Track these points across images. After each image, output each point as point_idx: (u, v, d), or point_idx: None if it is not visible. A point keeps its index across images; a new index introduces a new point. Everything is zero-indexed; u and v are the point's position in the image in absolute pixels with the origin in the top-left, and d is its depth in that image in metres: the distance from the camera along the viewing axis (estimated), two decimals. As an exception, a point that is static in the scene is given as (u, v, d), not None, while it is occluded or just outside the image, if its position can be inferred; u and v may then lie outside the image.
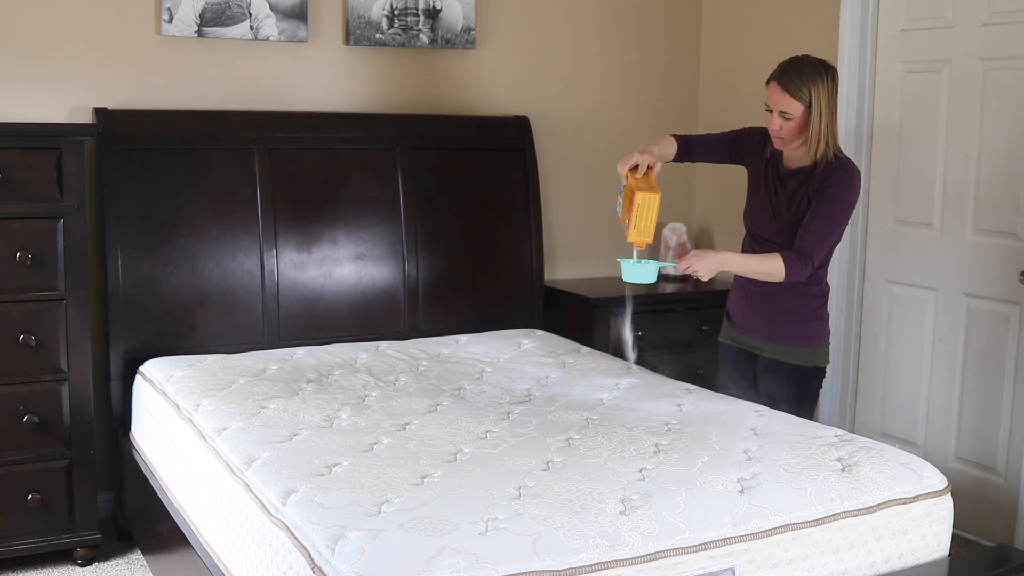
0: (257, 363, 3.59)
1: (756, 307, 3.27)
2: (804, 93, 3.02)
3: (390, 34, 4.23)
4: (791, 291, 3.15)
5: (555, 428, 2.90)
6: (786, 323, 3.21)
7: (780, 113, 3.06)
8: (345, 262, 4.05)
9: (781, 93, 3.05)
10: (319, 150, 4.05)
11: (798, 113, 3.04)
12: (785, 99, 3.04)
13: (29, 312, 3.38)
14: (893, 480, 2.55)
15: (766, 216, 3.22)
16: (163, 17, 3.86)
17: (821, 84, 3.02)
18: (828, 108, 3.03)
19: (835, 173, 3.06)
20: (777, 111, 3.07)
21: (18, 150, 3.33)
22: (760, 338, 3.28)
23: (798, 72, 3.04)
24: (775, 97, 3.07)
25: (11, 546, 3.40)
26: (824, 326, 3.25)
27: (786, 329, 3.21)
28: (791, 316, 3.20)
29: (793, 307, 3.19)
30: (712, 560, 2.26)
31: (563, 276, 4.72)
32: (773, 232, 3.19)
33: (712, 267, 3.02)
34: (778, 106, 3.06)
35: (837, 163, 3.08)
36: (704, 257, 3.02)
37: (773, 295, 3.19)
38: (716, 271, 3.03)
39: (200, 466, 2.88)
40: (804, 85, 3.02)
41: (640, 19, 4.78)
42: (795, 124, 3.05)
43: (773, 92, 3.08)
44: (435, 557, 2.05)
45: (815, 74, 3.03)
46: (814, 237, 3.03)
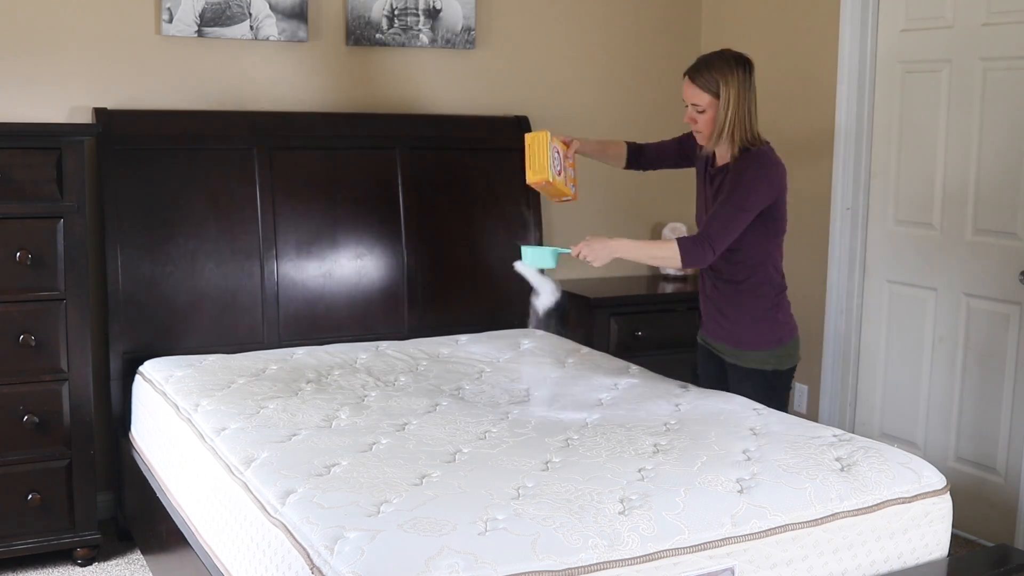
0: (256, 363, 3.59)
1: (710, 308, 3.26)
2: (712, 84, 3.04)
3: (390, 34, 4.23)
4: (738, 290, 3.15)
5: (554, 428, 2.90)
6: (738, 325, 3.18)
7: (692, 105, 3.09)
8: (345, 262, 4.05)
9: (689, 85, 3.09)
10: (319, 150, 4.05)
11: (708, 105, 3.05)
12: (693, 91, 3.07)
13: (29, 312, 3.38)
14: (892, 480, 2.55)
15: (701, 211, 3.24)
16: (163, 17, 3.86)
17: (731, 76, 3.03)
18: (738, 99, 3.03)
19: (746, 160, 3.05)
20: (689, 103, 3.10)
21: (18, 150, 3.34)
22: (718, 340, 3.27)
23: (707, 65, 3.07)
24: (685, 90, 3.10)
25: (11, 546, 3.40)
26: (781, 327, 3.18)
27: (739, 331, 3.19)
28: (742, 317, 3.17)
29: (743, 308, 3.17)
30: (711, 560, 2.26)
31: (563, 276, 4.71)
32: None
33: (603, 254, 3.02)
34: (688, 99, 3.10)
35: (752, 152, 3.06)
36: (595, 243, 3.02)
37: (721, 296, 3.19)
38: (608, 258, 3.03)
39: (199, 466, 2.88)
40: (712, 77, 3.04)
41: (640, 19, 4.78)
42: (708, 116, 3.07)
43: (684, 86, 3.11)
44: (434, 557, 2.05)
45: (725, 67, 3.04)
46: (716, 222, 3.01)
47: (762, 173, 3.04)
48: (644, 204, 4.86)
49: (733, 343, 3.21)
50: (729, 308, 3.19)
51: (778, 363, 3.19)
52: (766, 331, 3.16)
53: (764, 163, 3.05)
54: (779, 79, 4.51)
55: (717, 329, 3.26)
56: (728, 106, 3.03)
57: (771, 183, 3.05)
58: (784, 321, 3.19)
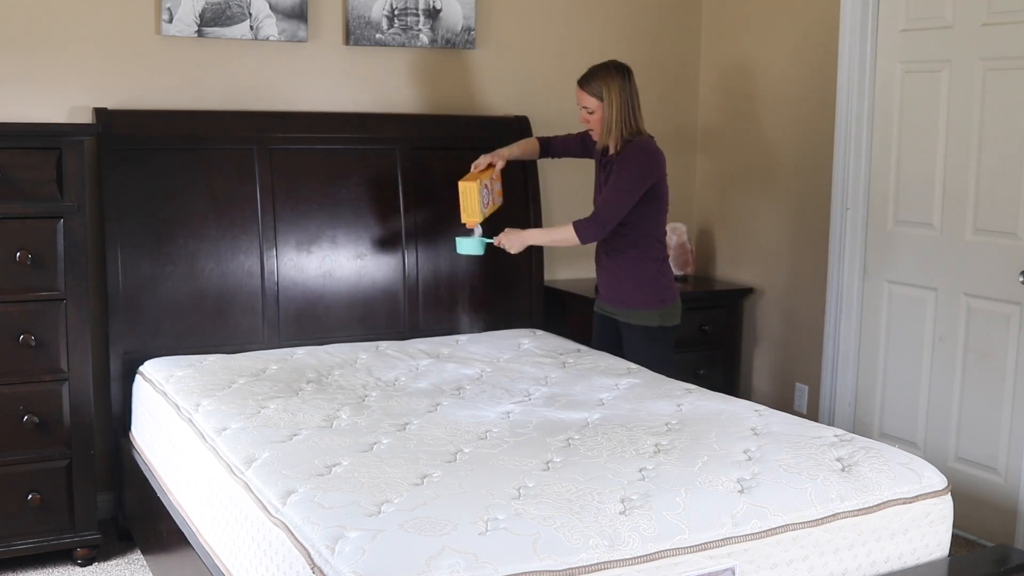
0: (257, 363, 3.59)
1: (606, 277, 3.81)
2: (597, 89, 3.61)
3: (390, 34, 4.23)
4: (626, 259, 3.70)
5: (555, 428, 2.90)
6: (629, 289, 3.72)
7: (583, 108, 3.66)
8: (345, 262, 4.05)
9: (580, 92, 3.66)
10: (319, 150, 4.05)
11: (595, 106, 3.62)
12: (582, 96, 3.65)
13: (29, 312, 3.38)
14: (893, 480, 2.55)
15: (597, 197, 3.75)
16: (163, 17, 3.86)
17: (612, 81, 3.58)
18: (620, 101, 3.58)
19: (628, 149, 3.60)
20: (580, 106, 3.67)
21: (18, 150, 3.33)
22: (613, 304, 3.80)
23: (592, 73, 3.64)
24: (577, 95, 3.68)
25: (11, 546, 3.40)
26: (664, 290, 3.73)
27: (630, 294, 3.73)
28: (631, 282, 3.71)
29: (632, 274, 3.71)
30: (712, 560, 2.26)
31: (563, 276, 4.72)
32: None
33: (516, 243, 3.69)
34: (579, 102, 3.67)
35: (633, 143, 3.60)
36: (512, 234, 3.69)
37: (613, 264, 3.75)
38: (521, 246, 3.70)
39: (200, 466, 2.88)
40: (596, 83, 3.61)
41: (640, 19, 4.78)
42: (597, 116, 3.64)
43: (576, 93, 3.68)
44: (435, 557, 2.05)
45: (607, 74, 3.60)
46: (603, 203, 3.61)
47: (641, 159, 3.58)
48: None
49: (624, 304, 3.75)
50: (620, 273, 3.73)
51: (663, 320, 3.74)
52: (651, 293, 3.72)
53: (644, 152, 3.60)
54: (779, 79, 4.51)
55: (610, 293, 3.80)
56: (612, 107, 3.58)
57: (647, 168, 3.59)
58: (667, 285, 3.75)
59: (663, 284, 3.74)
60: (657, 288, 3.72)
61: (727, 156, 4.82)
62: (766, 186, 4.61)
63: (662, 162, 3.65)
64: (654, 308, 3.71)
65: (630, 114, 3.60)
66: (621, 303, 3.77)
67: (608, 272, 3.79)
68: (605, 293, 3.84)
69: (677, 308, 3.78)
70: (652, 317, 3.72)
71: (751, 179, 4.69)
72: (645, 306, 3.71)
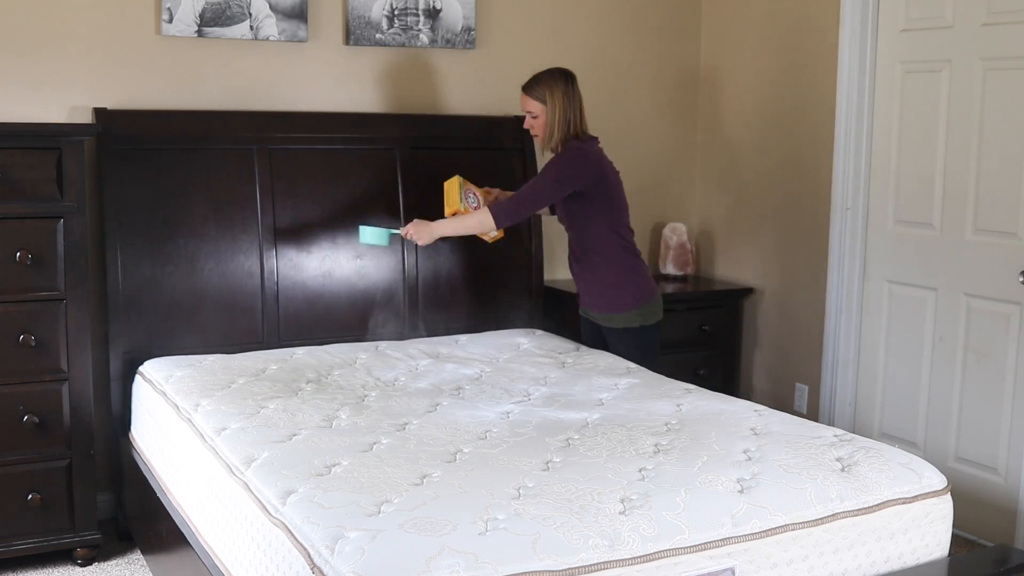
0: (257, 363, 3.59)
1: (580, 284, 3.84)
2: (540, 93, 3.65)
3: (390, 34, 4.23)
4: (591, 263, 3.71)
5: (555, 428, 2.90)
6: (601, 292, 3.74)
7: (527, 113, 3.70)
8: (345, 262, 4.05)
9: (524, 97, 3.70)
10: (319, 150, 4.05)
11: (539, 111, 3.66)
12: (526, 100, 3.69)
13: (29, 312, 3.38)
14: (893, 480, 2.55)
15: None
16: (163, 17, 3.86)
17: (556, 86, 3.63)
18: (563, 105, 3.62)
19: (563, 149, 3.65)
20: (524, 110, 3.71)
21: (18, 150, 3.34)
22: (590, 308, 3.83)
23: (536, 79, 3.68)
24: (522, 101, 3.71)
25: (11, 546, 3.40)
26: (639, 289, 3.72)
27: (605, 298, 3.74)
28: (602, 285, 3.73)
29: (601, 277, 3.72)
30: (712, 560, 2.26)
31: (563, 276, 4.72)
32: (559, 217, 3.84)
33: (424, 234, 3.61)
34: (523, 107, 3.71)
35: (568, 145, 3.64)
36: (420, 225, 3.62)
37: (582, 270, 3.77)
38: (431, 238, 3.62)
39: (199, 466, 2.88)
40: (540, 88, 3.66)
41: (640, 19, 4.78)
42: (541, 121, 3.67)
43: (521, 98, 3.72)
44: (435, 557, 2.05)
45: (551, 79, 3.65)
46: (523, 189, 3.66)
47: (568, 158, 3.60)
48: (644, 205, 4.86)
49: (601, 309, 3.77)
50: (591, 278, 3.76)
51: (643, 319, 3.73)
52: (626, 295, 3.71)
53: (572, 152, 3.62)
54: (779, 79, 4.51)
55: (587, 298, 3.82)
56: (555, 111, 3.63)
57: (575, 167, 3.60)
58: (640, 284, 3.73)
59: (636, 283, 3.73)
60: (631, 289, 3.72)
61: (727, 156, 4.82)
62: (766, 186, 4.61)
63: (596, 165, 3.63)
64: (632, 308, 3.71)
65: (572, 118, 3.64)
66: (598, 308, 3.79)
67: (580, 279, 3.82)
68: (583, 298, 3.87)
69: (657, 305, 3.78)
70: (632, 318, 3.72)
71: (751, 179, 4.69)
72: (622, 308, 3.72)
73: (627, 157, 4.81)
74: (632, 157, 4.82)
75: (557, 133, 3.64)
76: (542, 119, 3.67)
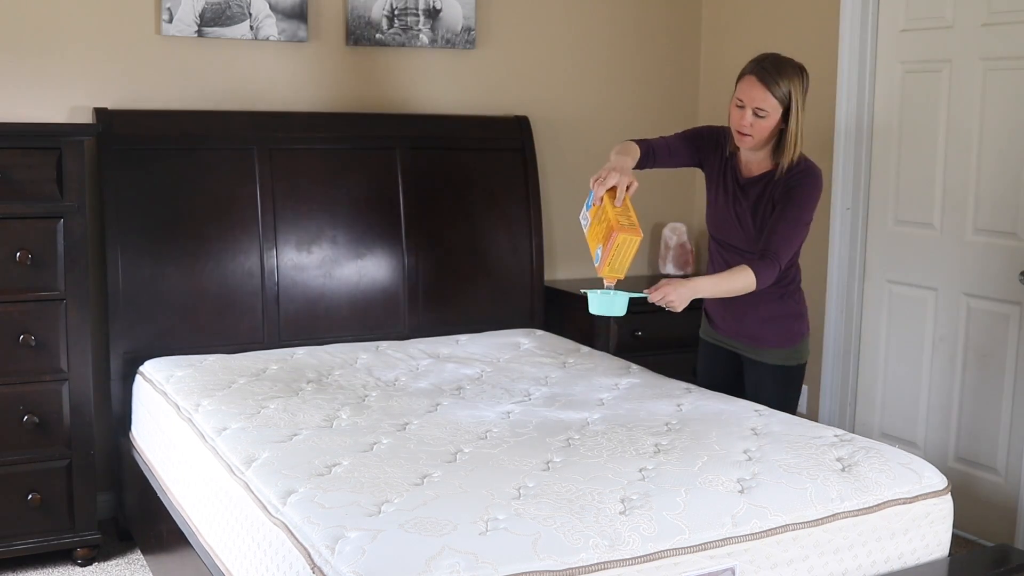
0: (257, 363, 3.59)
1: (731, 312, 3.22)
2: (783, 90, 2.91)
3: (390, 34, 4.23)
4: (763, 295, 3.07)
5: (555, 428, 2.90)
6: (763, 327, 3.17)
7: (755, 110, 2.93)
8: (345, 262, 4.05)
9: (760, 88, 2.91)
10: (319, 150, 4.05)
11: (773, 111, 2.92)
12: (764, 94, 2.91)
13: (29, 312, 3.38)
14: (893, 480, 2.55)
15: (730, 225, 3.15)
16: (163, 17, 3.86)
17: (798, 83, 2.93)
18: (802, 110, 2.96)
19: (800, 175, 2.99)
20: (752, 107, 2.93)
21: (18, 150, 3.33)
22: (740, 340, 3.25)
23: (777, 68, 2.92)
24: (752, 92, 2.92)
25: (11, 546, 3.40)
26: (802, 323, 3.20)
27: (765, 332, 3.18)
28: (767, 320, 3.16)
29: (768, 311, 3.15)
30: (712, 560, 2.26)
31: (563, 276, 4.72)
32: (740, 240, 3.13)
33: (685, 296, 2.90)
34: (754, 101, 2.92)
35: (801, 165, 3.01)
36: (678, 286, 2.90)
37: (745, 301, 3.10)
38: (690, 299, 2.92)
39: (200, 466, 2.88)
40: (783, 81, 2.91)
41: (640, 19, 4.78)
42: (768, 123, 2.94)
43: (750, 86, 2.93)
44: (435, 557, 2.05)
45: (793, 72, 2.93)
46: (781, 239, 2.96)
47: (817, 186, 3.01)
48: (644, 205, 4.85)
49: (756, 341, 3.19)
50: (760, 309, 3.14)
51: (799, 357, 3.20)
52: (793, 329, 3.17)
53: (818, 176, 3.03)
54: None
55: (739, 328, 3.21)
56: (797, 117, 2.93)
57: (820, 193, 3.05)
58: (800, 314, 3.19)
59: (803, 316, 3.20)
60: (795, 321, 3.18)
61: (727, 156, 4.82)
62: (766, 186, 4.60)
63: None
64: (795, 344, 3.17)
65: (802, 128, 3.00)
66: (752, 339, 3.20)
67: (739, 305, 3.16)
68: (727, 326, 3.25)
69: (807, 342, 3.25)
70: (790, 355, 3.17)
71: (751, 179, 4.69)
72: (784, 344, 3.16)
73: (627, 157, 4.81)
74: (632, 157, 4.82)
75: (797, 147, 2.97)
76: (772, 121, 2.94)
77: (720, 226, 3.19)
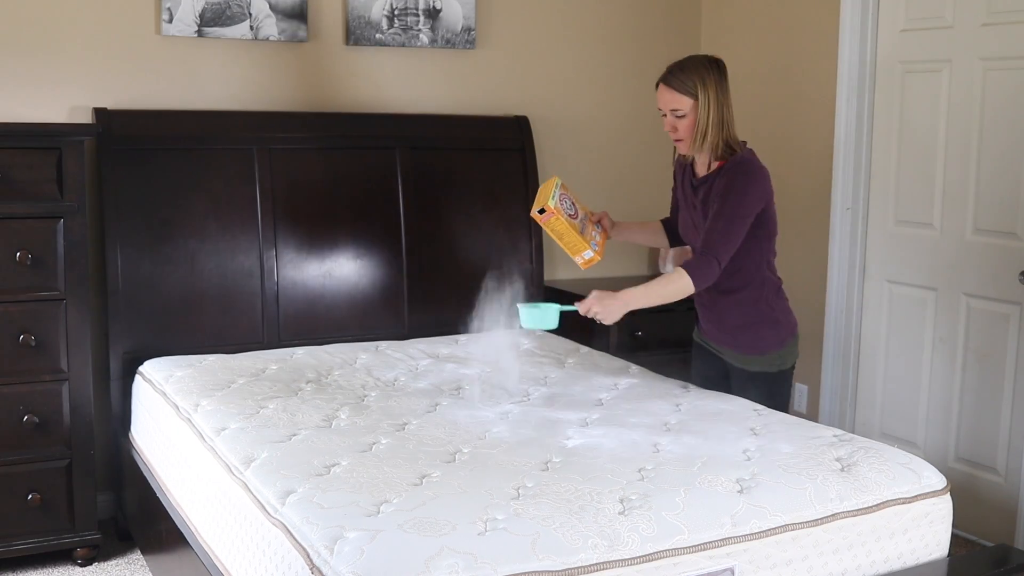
0: (256, 363, 3.59)
1: (710, 317, 3.22)
2: (689, 86, 3.00)
3: (390, 34, 4.23)
4: (736, 300, 3.09)
5: (554, 428, 2.89)
6: (738, 334, 3.15)
7: (671, 112, 3.04)
8: (345, 262, 4.05)
9: (667, 91, 3.04)
10: (319, 150, 4.05)
11: (688, 108, 3.01)
12: (672, 96, 3.03)
13: (29, 312, 3.38)
14: (892, 480, 2.55)
15: (690, 229, 3.19)
16: (163, 17, 3.86)
17: (707, 76, 3.00)
18: (716, 100, 3.00)
19: (733, 169, 3.01)
20: (667, 110, 3.05)
21: (18, 150, 3.34)
22: (722, 346, 3.24)
23: (681, 69, 3.03)
24: (663, 97, 3.06)
25: (11, 546, 3.40)
26: (782, 328, 3.15)
27: (740, 339, 3.15)
28: (741, 327, 3.14)
29: (741, 317, 3.13)
30: (711, 560, 2.26)
31: (563, 276, 4.72)
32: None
33: (615, 309, 2.95)
34: (666, 105, 3.05)
35: (737, 160, 3.03)
36: (606, 299, 2.94)
37: (720, 307, 3.13)
38: (621, 312, 2.96)
39: (199, 466, 2.88)
40: (688, 79, 3.00)
41: (640, 19, 4.78)
42: (689, 121, 3.02)
43: (661, 93, 3.07)
44: (434, 557, 2.05)
45: (700, 68, 3.01)
46: (716, 235, 2.96)
47: (751, 179, 3.00)
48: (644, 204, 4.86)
49: (737, 348, 3.18)
50: (729, 317, 3.15)
51: (781, 363, 3.18)
52: (768, 336, 3.13)
53: (750, 169, 3.02)
54: (779, 79, 4.51)
55: (718, 335, 3.22)
56: (708, 107, 2.99)
57: (760, 189, 3.02)
58: (784, 321, 3.16)
59: (780, 321, 3.14)
60: (774, 328, 3.13)
61: (727, 156, 4.81)
62: (766, 186, 4.60)
63: (769, 180, 3.07)
64: (777, 350, 3.14)
65: (727, 118, 3.02)
66: (733, 346, 3.18)
67: (712, 311, 3.19)
68: (711, 332, 3.24)
69: (796, 343, 3.20)
70: (771, 361, 3.15)
71: (751, 179, 4.69)
72: (762, 351, 3.14)
73: (627, 157, 4.82)
74: (632, 157, 4.82)
75: (711, 136, 3.00)
76: (690, 118, 3.01)
77: (687, 232, 3.23)
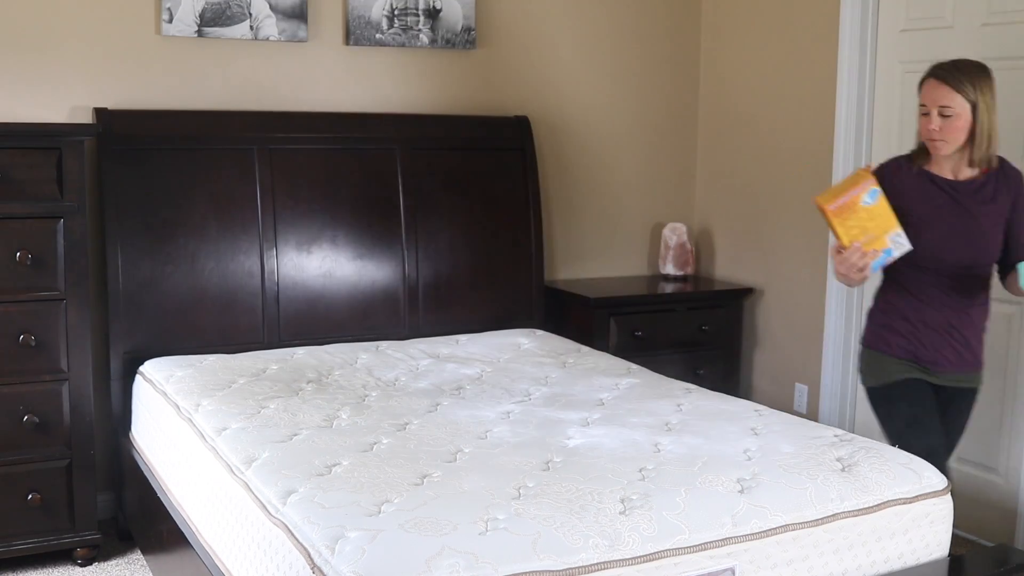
0: (257, 363, 3.59)
1: (936, 334, 3.00)
2: (968, 88, 2.85)
3: (390, 34, 4.23)
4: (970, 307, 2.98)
5: (555, 428, 2.89)
6: (970, 345, 3.02)
7: (940, 108, 2.86)
8: (345, 262, 4.05)
9: (941, 87, 2.86)
10: (319, 150, 4.05)
11: (960, 109, 2.85)
12: (946, 92, 2.85)
13: (29, 312, 3.38)
14: (893, 480, 2.55)
15: (960, 241, 2.94)
16: (163, 17, 3.86)
17: (986, 84, 2.88)
18: (992, 106, 2.89)
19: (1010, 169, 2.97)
20: (936, 107, 2.86)
21: (18, 150, 3.34)
22: (947, 366, 3.01)
23: (958, 69, 2.88)
24: (934, 93, 2.87)
25: (11, 546, 3.40)
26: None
27: (971, 352, 3.02)
28: (973, 336, 3.03)
29: (975, 325, 3.02)
30: (712, 560, 2.26)
31: (563, 276, 4.72)
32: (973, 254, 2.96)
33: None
34: (937, 101, 2.86)
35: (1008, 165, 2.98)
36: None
37: (955, 317, 2.98)
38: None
39: (200, 466, 2.88)
40: (967, 80, 2.85)
41: (640, 19, 4.78)
42: (957, 123, 2.86)
43: (931, 88, 2.88)
44: (435, 557, 2.05)
45: (981, 73, 2.89)
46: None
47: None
48: (644, 204, 4.87)
49: (964, 366, 3.02)
50: (964, 329, 2.99)
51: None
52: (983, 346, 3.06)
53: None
54: (779, 79, 4.51)
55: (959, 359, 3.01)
56: (988, 115, 2.87)
57: None
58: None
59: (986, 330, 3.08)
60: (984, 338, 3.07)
61: (727, 156, 4.82)
62: (766, 186, 4.61)
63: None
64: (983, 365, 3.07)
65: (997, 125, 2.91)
66: (959, 365, 3.01)
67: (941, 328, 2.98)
68: (951, 360, 3.00)
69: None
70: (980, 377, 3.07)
71: (751, 179, 4.69)
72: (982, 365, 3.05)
73: (627, 157, 4.82)
74: (632, 157, 4.82)
75: (992, 142, 2.89)
76: (962, 121, 2.85)
77: (950, 247, 2.95)
